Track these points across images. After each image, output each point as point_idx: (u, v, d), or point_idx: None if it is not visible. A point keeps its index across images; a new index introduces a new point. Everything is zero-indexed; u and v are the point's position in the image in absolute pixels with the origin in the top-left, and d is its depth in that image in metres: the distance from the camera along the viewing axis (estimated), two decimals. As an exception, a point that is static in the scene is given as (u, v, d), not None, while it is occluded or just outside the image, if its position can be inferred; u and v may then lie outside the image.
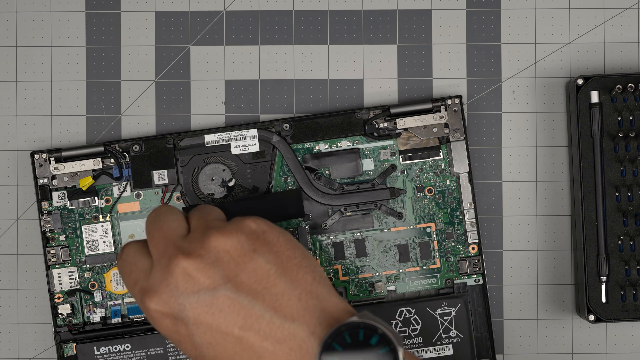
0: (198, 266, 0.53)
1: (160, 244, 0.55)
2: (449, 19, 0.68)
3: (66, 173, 0.66)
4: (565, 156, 0.68)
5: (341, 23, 0.68)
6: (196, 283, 0.53)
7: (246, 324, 0.53)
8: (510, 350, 0.68)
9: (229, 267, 0.54)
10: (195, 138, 0.66)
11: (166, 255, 0.54)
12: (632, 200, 0.65)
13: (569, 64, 0.68)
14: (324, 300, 0.54)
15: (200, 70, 0.68)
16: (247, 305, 0.53)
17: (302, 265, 0.55)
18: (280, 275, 0.54)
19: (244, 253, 0.54)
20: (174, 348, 0.66)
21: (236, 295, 0.53)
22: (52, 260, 0.66)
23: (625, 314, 0.65)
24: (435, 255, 0.66)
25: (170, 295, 0.54)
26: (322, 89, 0.68)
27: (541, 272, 0.68)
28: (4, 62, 0.68)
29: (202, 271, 0.53)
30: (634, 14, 0.68)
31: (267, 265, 0.54)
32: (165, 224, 0.56)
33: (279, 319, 0.53)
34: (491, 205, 0.68)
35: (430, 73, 0.68)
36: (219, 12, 0.68)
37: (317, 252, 0.66)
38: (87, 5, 0.68)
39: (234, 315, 0.53)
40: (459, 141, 0.66)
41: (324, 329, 0.53)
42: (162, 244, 0.55)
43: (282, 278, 0.54)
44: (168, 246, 0.55)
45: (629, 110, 0.65)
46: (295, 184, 0.66)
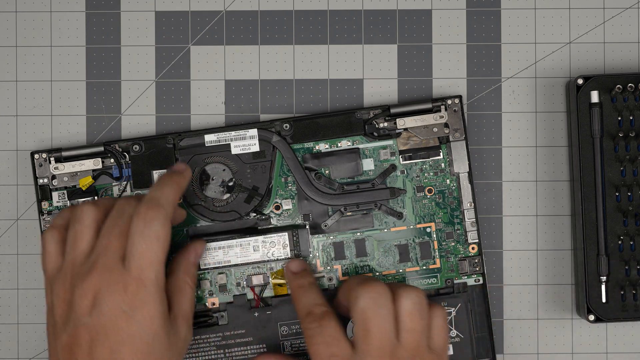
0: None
1: (376, 345, 0.58)
2: (449, 19, 0.68)
3: (66, 173, 0.66)
4: (565, 156, 0.68)
5: (341, 23, 0.68)
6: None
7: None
8: (510, 350, 0.68)
9: None
10: (195, 138, 0.66)
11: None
12: (632, 200, 0.65)
13: (569, 64, 0.68)
14: None
15: (200, 70, 0.68)
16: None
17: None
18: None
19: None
20: (174, 348, 0.66)
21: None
22: (52, 260, 0.66)
23: (625, 314, 0.65)
24: (435, 255, 0.66)
25: None
26: (322, 89, 0.68)
27: (541, 272, 0.68)
28: (4, 62, 0.68)
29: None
30: (634, 14, 0.68)
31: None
32: (385, 326, 0.59)
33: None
34: (491, 205, 0.68)
35: (430, 73, 0.68)
36: (219, 12, 0.68)
37: (317, 252, 0.66)
38: (87, 5, 0.68)
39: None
40: (459, 141, 0.66)
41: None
42: (377, 347, 0.58)
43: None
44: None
45: (629, 110, 0.65)
46: (295, 184, 0.66)
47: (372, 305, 0.58)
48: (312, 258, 0.66)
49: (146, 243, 0.57)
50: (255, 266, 0.66)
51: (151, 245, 0.57)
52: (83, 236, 0.58)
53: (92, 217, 0.59)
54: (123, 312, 0.56)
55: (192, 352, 0.66)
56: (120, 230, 0.57)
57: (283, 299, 0.66)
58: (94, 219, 0.59)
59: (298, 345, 0.66)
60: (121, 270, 0.57)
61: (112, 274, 0.56)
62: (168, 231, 0.58)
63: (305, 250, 0.66)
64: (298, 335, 0.66)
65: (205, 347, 0.66)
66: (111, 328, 0.56)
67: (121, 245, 0.57)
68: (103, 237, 0.58)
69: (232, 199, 0.66)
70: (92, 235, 0.58)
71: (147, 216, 0.57)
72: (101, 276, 0.56)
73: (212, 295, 0.66)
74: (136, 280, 0.56)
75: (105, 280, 0.56)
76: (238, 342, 0.66)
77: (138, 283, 0.56)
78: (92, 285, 0.56)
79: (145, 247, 0.57)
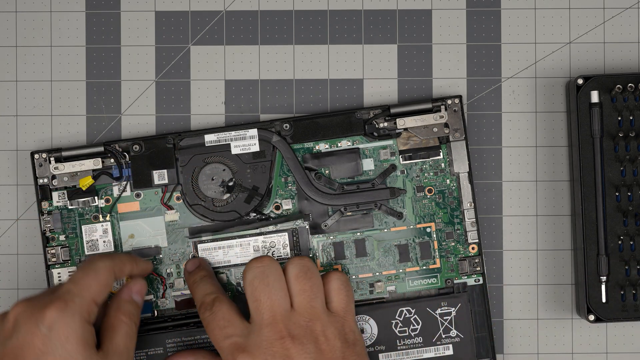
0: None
1: (268, 313, 0.60)
2: (449, 19, 0.68)
3: (66, 173, 0.66)
4: (565, 156, 0.68)
5: (341, 23, 0.68)
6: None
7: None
8: (510, 350, 0.68)
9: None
10: (195, 138, 0.66)
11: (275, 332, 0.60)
12: (632, 200, 0.65)
13: (569, 64, 0.68)
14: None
15: (200, 70, 0.68)
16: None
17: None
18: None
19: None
20: (174, 348, 0.66)
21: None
22: (52, 260, 0.66)
23: (625, 314, 0.65)
24: (435, 255, 0.66)
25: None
26: (322, 89, 0.68)
27: (541, 272, 0.68)
28: (4, 62, 0.68)
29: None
30: (634, 14, 0.68)
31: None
32: (274, 293, 0.60)
33: None
34: (491, 205, 0.68)
35: (430, 73, 0.68)
36: (219, 12, 0.68)
37: (317, 252, 0.66)
38: (87, 5, 0.68)
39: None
40: (459, 141, 0.66)
41: None
42: (269, 315, 0.60)
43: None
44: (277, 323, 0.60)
45: (629, 110, 0.65)
46: (295, 184, 0.66)
47: (259, 274, 0.60)
48: (312, 258, 0.66)
49: (84, 272, 0.59)
50: (255, 266, 0.66)
51: (87, 275, 0.59)
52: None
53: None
54: (39, 331, 0.57)
55: (192, 352, 0.66)
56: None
57: (283, 299, 0.66)
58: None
59: (298, 345, 0.66)
60: (45, 293, 0.59)
61: (36, 298, 0.59)
62: (108, 275, 0.60)
63: (305, 250, 0.66)
64: (298, 335, 0.66)
65: (205, 347, 0.66)
66: (27, 347, 0.57)
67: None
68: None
69: (232, 199, 0.66)
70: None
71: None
72: (25, 302, 0.58)
73: (212, 295, 0.66)
74: (58, 300, 0.58)
75: (28, 304, 0.58)
76: (238, 342, 0.66)
77: (59, 304, 0.57)
78: (14, 311, 0.58)
79: (81, 274, 0.59)
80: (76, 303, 0.58)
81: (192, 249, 0.66)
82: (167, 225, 0.66)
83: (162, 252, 0.66)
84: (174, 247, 0.66)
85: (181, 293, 0.66)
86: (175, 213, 0.66)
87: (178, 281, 0.66)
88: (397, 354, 0.66)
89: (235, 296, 0.66)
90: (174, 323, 0.66)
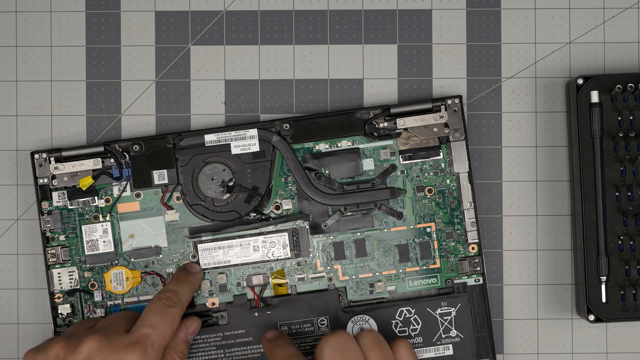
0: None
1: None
2: (449, 19, 0.68)
3: (66, 173, 0.66)
4: (565, 156, 0.68)
5: (341, 23, 0.68)
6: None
7: None
8: (510, 350, 0.68)
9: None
10: (195, 138, 0.66)
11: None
12: (632, 200, 0.65)
13: (569, 64, 0.68)
14: None
15: (200, 70, 0.68)
16: None
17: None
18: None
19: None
20: (174, 348, 0.66)
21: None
22: (52, 260, 0.66)
23: (625, 314, 0.65)
24: (435, 255, 0.66)
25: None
26: (322, 89, 0.68)
27: (541, 272, 0.68)
28: (4, 62, 0.68)
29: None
30: (634, 14, 0.68)
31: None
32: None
33: None
34: (491, 205, 0.68)
35: (430, 73, 0.68)
36: (219, 12, 0.68)
37: (317, 252, 0.66)
38: (87, 5, 0.68)
39: None
40: (459, 141, 0.66)
41: None
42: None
43: None
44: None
45: (629, 110, 0.65)
46: (295, 184, 0.66)
47: (339, 348, 0.60)
48: (312, 258, 0.66)
49: (161, 319, 0.61)
50: (255, 266, 0.66)
51: (164, 323, 0.61)
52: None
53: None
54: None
55: (192, 352, 0.66)
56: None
57: (283, 299, 0.66)
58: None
59: (298, 345, 0.66)
60: (112, 327, 0.61)
61: (110, 334, 0.60)
62: (178, 323, 0.62)
63: (305, 250, 0.66)
64: (298, 335, 0.66)
65: (205, 347, 0.66)
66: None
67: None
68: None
69: (232, 199, 0.66)
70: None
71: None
72: (100, 338, 0.59)
73: (212, 295, 0.66)
74: (139, 346, 0.59)
75: (105, 342, 0.59)
76: (238, 342, 0.66)
77: (140, 350, 0.59)
78: (88, 345, 0.59)
79: (158, 320, 0.61)
80: (155, 349, 0.60)
81: (192, 249, 0.66)
82: (167, 225, 0.66)
83: (162, 252, 0.66)
84: (174, 247, 0.66)
85: (181, 293, 0.66)
86: (175, 213, 0.66)
87: (178, 281, 0.66)
88: (397, 354, 0.66)
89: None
90: (174, 323, 0.66)
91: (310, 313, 0.66)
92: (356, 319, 0.66)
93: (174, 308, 0.62)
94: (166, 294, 0.63)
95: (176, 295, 0.63)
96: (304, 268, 0.66)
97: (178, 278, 0.64)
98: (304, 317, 0.66)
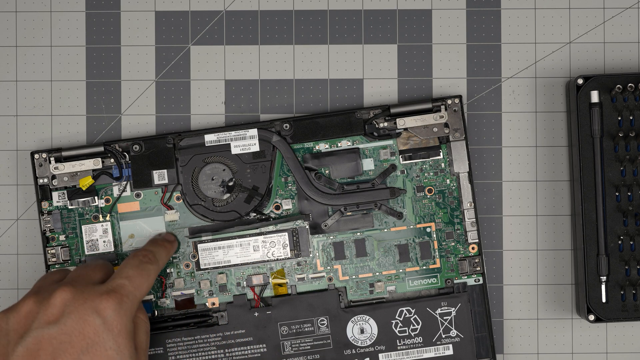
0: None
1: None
2: (449, 19, 0.68)
3: (66, 173, 0.66)
4: (565, 156, 0.68)
5: (341, 23, 0.68)
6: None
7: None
8: (510, 350, 0.68)
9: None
10: (195, 138, 0.66)
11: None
12: (632, 200, 0.65)
13: (569, 64, 0.68)
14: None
15: (200, 70, 0.68)
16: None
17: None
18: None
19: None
20: (174, 348, 0.66)
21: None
22: (52, 260, 0.66)
23: (625, 314, 0.65)
24: (435, 255, 0.66)
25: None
26: (322, 89, 0.68)
27: (541, 272, 0.68)
28: (4, 62, 0.68)
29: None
30: (634, 14, 0.68)
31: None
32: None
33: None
34: (491, 205, 0.68)
35: (430, 73, 0.68)
36: (219, 12, 0.68)
37: (317, 252, 0.66)
38: (87, 5, 0.68)
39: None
40: (459, 141, 0.66)
41: None
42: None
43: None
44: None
45: (629, 110, 0.65)
46: (295, 184, 0.66)
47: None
48: (312, 258, 0.66)
49: (137, 271, 0.61)
50: (255, 266, 0.66)
51: (140, 276, 0.61)
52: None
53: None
54: (93, 321, 0.57)
55: (192, 352, 0.66)
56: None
57: (283, 299, 0.66)
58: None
59: (298, 345, 0.66)
60: (82, 276, 0.60)
61: (81, 285, 0.59)
62: (154, 279, 0.62)
63: (305, 250, 0.66)
64: (298, 335, 0.66)
65: (205, 347, 0.66)
66: (77, 334, 0.57)
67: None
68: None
69: (232, 199, 0.66)
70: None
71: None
72: (73, 289, 0.58)
73: (212, 295, 0.66)
74: (114, 293, 0.58)
75: (78, 292, 0.58)
76: (238, 342, 0.66)
77: (116, 298, 0.58)
78: (60, 296, 0.58)
79: (134, 273, 0.61)
80: (130, 300, 0.59)
81: (192, 249, 0.66)
82: (167, 225, 0.66)
83: (162, 252, 0.66)
84: (174, 247, 0.66)
85: (181, 293, 0.66)
86: (175, 213, 0.66)
87: (178, 281, 0.66)
88: (397, 354, 0.66)
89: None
90: (174, 323, 0.66)
91: (310, 313, 0.66)
92: (356, 319, 0.66)
93: (150, 265, 0.61)
94: (143, 252, 0.62)
95: (153, 255, 0.62)
96: (304, 268, 0.66)
97: (155, 241, 0.64)
98: (304, 317, 0.66)
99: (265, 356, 0.66)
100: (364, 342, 0.66)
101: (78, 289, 0.58)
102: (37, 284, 0.61)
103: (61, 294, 0.58)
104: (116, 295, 0.58)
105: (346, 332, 0.66)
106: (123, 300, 0.58)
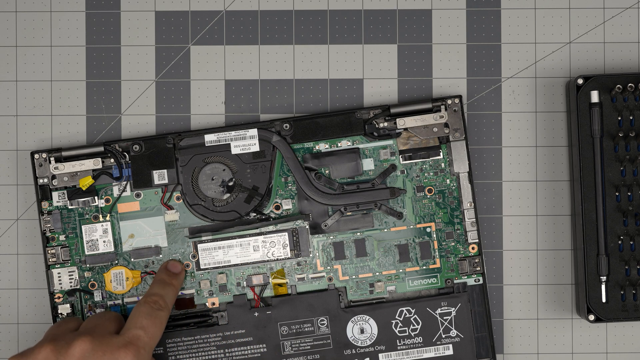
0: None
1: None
2: (449, 19, 0.68)
3: (66, 173, 0.66)
4: (565, 156, 0.68)
5: (341, 23, 0.68)
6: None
7: None
8: (510, 350, 0.68)
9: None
10: (195, 138, 0.66)
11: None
12: (632, 200, 0.65)
13: (569, 64, 0.68)
14: None
15: (200, 70, 0.68)
16: None
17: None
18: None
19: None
20: (174, 348, 0.66)
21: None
22: (52, 260, 0.66)
23: (625, 314, 0.65)
24: (435, 255, 0.66)
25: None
26: (322, 89, 0.68)
27: (541, 272, 0.68)
28: (4, 62, 0.68)
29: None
30: (634, 14, 0.68)
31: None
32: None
33: None
34: (491, 205, 0.68)
35: (430, 73, 0.68)
36: (219, 12, 0.68)
37: (317, 252, 0.66)
38: (87, 5, 0.68)
39: None
40: (459, 141, 0.66)
41: None
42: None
43: None
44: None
45: (629, 110, 0.65)
46: (295, 184, 0.66)
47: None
48: (312, 258, 0.66)
49: (152, 321, 0.62)
50: (255, 266, 0.66)
51: (154, 325, 0.62)
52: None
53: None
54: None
55: (192, 352, 0.66)
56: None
57: (283, 299, 0.66)
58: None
59: (298, 345, 0.66)
60: (101, 326, 0.62)
61: (100, 335, 0.60)
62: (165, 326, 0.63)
63: (305, 250, 0.66)
64: (298, 335, 0.66)
65: (205, 347, 0.66)
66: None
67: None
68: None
69: (232, 199, 0.66)
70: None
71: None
72: (91, 339, 0.59)
73: (212, 295, 0.66)
74: (132, 346, 0.60)
75: (97, 343, 0.59)
76: (238, 342, 0.66)
77: (133, 351, 0.60)
78: (80, 347, 0.59)
79: (149, 322, 0.62)
80: (146, 352, 0.60)
81: (192, 249, 0.66)
82: (167, 225, 0.66)
83: (162, 252, 0.66)
84: (174, 247, 0.66)
85: (181, 293, 0.66)
86: (175, 213, 0.66)
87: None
88: (397, 354, 0.66)
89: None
90: (174, 323, 0.66)
91: (310, 313, 0.66)
92: (356, 319, 0.66)
93: (161, 311, 0.62)
94: (153, 297, 0.63)
95: (162, 299, 0.63)
96: (304, 268, 0.66)
97: (162, 281, 0.65)
98: (304, 317, 0.66)
99: (265, 356, 0.66)
100: (364, 342, 0.66)
101: (97, 339, 0.59)
102: (51, 332, 0.62)
103: (81, 344, 0.59)
104: (134, 348, 0.59)
105: (346, 332, 0.66)
106: (140, 352, 0.60)
